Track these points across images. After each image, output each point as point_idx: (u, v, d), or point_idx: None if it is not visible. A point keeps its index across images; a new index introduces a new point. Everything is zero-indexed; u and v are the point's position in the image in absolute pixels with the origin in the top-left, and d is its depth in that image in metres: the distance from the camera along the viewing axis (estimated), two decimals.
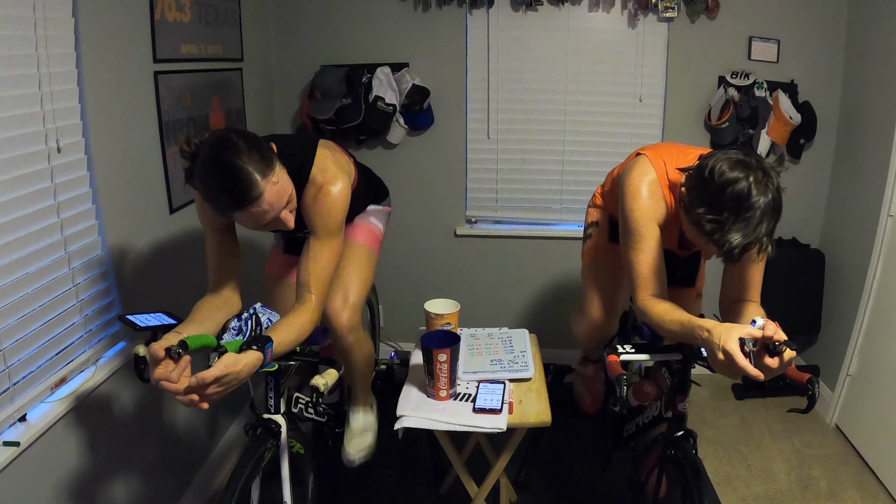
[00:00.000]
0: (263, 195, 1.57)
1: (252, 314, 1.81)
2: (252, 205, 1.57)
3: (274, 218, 1.65)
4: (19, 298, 1.72)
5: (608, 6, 3.23)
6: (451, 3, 3.27)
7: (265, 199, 1.58)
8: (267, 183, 1.57)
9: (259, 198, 1.56)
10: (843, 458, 2.88)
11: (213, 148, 1.56)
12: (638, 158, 1.93)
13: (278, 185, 1.61)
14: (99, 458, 2.02)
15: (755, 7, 3.19)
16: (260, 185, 1.55)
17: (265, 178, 1.57)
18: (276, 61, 3.45)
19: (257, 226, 1.67)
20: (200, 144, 1.60)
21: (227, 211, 1.61)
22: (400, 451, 2.82)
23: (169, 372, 1.46)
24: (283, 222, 1.68)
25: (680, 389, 1.89)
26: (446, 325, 2.25)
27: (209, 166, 1.56)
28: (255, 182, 1.54)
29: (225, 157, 1.53)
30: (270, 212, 1.61)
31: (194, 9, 2.52)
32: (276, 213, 1.64)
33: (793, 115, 3.13)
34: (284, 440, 1.90)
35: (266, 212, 1.60)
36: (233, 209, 1.59)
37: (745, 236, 1.51)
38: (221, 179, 1.55)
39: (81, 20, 1.89)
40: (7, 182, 1.67)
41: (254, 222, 1.64)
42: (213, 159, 1.55)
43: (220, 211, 1.64)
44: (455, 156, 3.53)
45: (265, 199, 1.58)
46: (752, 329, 1.47)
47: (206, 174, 1.57)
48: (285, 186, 1.65)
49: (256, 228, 1.69)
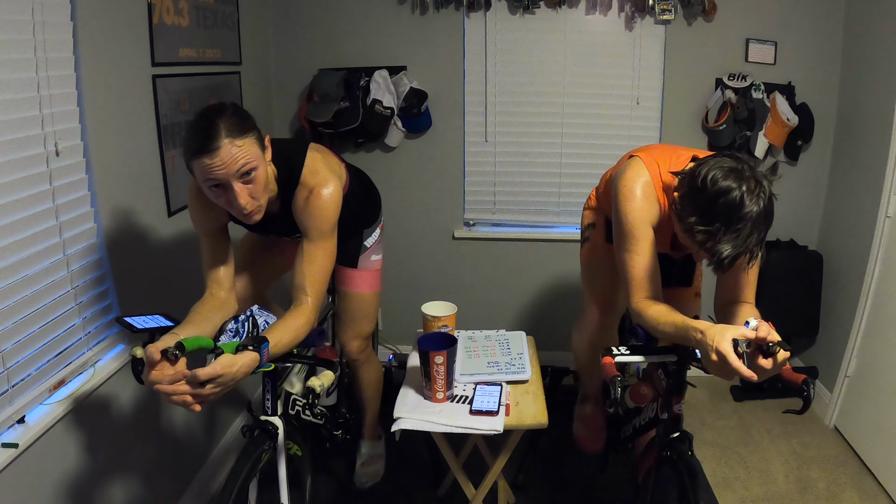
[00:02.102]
0: (220, 149, 1.57)
1: (249, 316, 1.82)
2: (206, 154, 1.57)
3: (226, 184, 1.63)
4: (18, 301, 1.73)
5: (605, 9, 3.24)
6: (449, 6, 3.28)
7: (220, 154, 1.58)
8: (230, 142, 1.59)
9: (215, 150, 1.57)
10: (842, 460, 2.88)
11: (207, 105, 1.67)
12: (631, 160, 1.93)
13: (241, 149, 1.61)
14: (97, 460, 2.03)
15: (752, 9, 3.20)
16: (221, 138, 1.58)
17: (230, 137, 1.59)
18: (275, 65, 3.46)
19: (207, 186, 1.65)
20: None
21: (188, 158, 1.62)
22: (398, 452, 2.83)
23: (164, 374, 1.47)
24: (236, 196, 1.65)
25: (675, 391, 1.89)
26: (443, 328, 2.25)
27: (194, 116, 1.65)
28: (217, 135, 1.57)
29: (208, 111, 1.63)
30: (222, 169, 1.59)
31: (192, 13, 2.53)
32: (227, 175, 1.61)
33: (790, 116, 3.13)
34: (282, 442, 1.91)
35: (217, 167, 1.59)
36: (191, 156, 1.60)
37: (735, 247, 1.51)
38: (194, 126, 1.62)
39: (80, 24, 1.90)
40: (6, 185, 1.68)
41: (204, 176, 1.62)
42: (200, 111, 1.65)
43: (186, 160, 1.64)
44: (453, 158, 3.54)
45: (220, 154, 1.58)
46: (746, 330, 1.47)
47: (189, 122, 1.67)
48: (248, 155, 1.63)
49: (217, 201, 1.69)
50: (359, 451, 2.72)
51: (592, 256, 2.40)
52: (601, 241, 2.35)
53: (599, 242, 2.36)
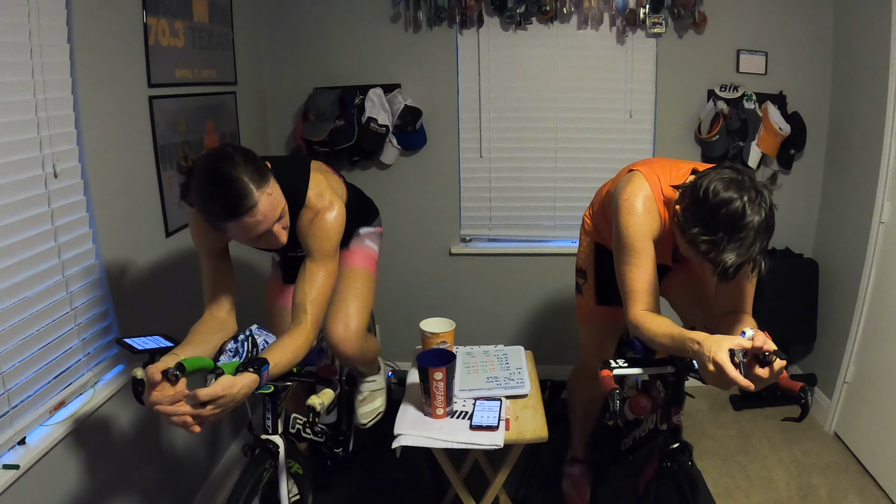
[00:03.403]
0: (258, 205, 1.59)
1: (248, 336, 1.82)
2: (246, 214, 1.59)
3: (266, 231, 1.66)
4: (18, 322, 1.73)
5: (597, 23, 3.27)
6: (442, 23, 3.31)
7: (259, 210, 1.60)
8: (262, 193, 1.60)
9: (253, 207, 1.59)
10: (843, 466, 2.88)
11: (210, 160, 1.61)
12: (632, 174, 1.93)
13: (272, 196, 1.64)
14: (98, 481, 2.02)
15: (742, 20, 3.23)
16: (255, 194, 1.58)
17: (260, 188, 1.59)
18: (270, 84, 3.48)
19: (249, 239, 1.68)
20: (197, 159, 1.64)
21: (221, 221, 1.62)
22: (398, 469, 2.82)
23: (164, 395, 1.48)
24: (276, 236, 1.71)
25: (674, 402, 1.90)
26: (442, 344, 2.25)
27: (206, 176, 1.59)
28: (250, 191, 1.57)
29: (221, 167, 1.57)
30: (264, 223, 1.63)
31: (188, 34, 2.56)
32: (269, 225, 1.65)
33: (782, 125, 3.16)
34: (283, 460, 1.91)
35: (259, 223, 1.62)
36: (227, 219, 1.60)
37: (739, 256, 1.53)
38: (217, 188, 1.57)
39: (76, 46, 1.91)
40: (5, 207, 1.69)
41: (246, 233, 1.65)
42: (209, 170, 1.59)
43: (214, 222, 1.65)
44: (448, 175, 3.56)
45: (259, 209, 1.60)
46: (742, 340, 1.49)
47: (203, 184, 1.60)
48: (279, 199, 1.68)
49: (248, 243, 1.71)
50: (358, 390, 2.56)
51: (584, 314, 2.44)
52: (592, 304, 2.38)
53: (590, 304, 2.39)
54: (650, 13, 3.17)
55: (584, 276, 2.39)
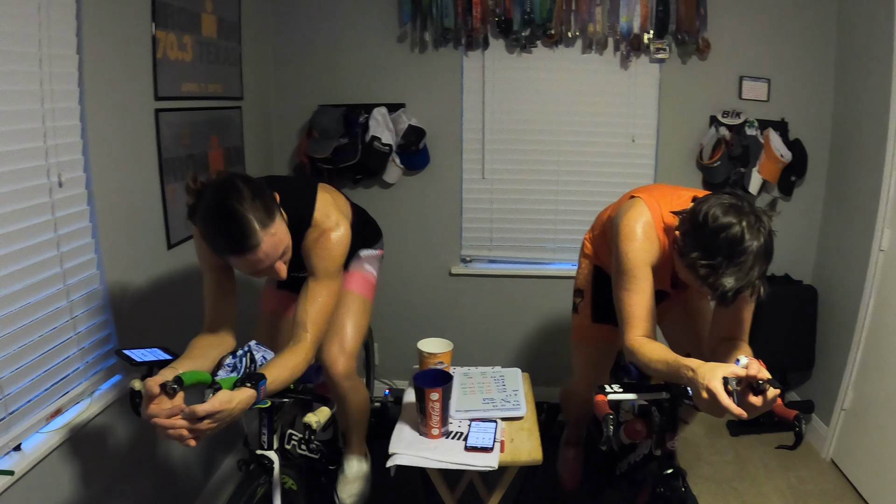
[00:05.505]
0: (260, 245, 1.61)
1: (246, 352, 1.83)
2: (248, 252, 1.60)
3: (268, 267, 1.68)
4: (18, 329, 1.75)
5: (601, 48, 3.30)
6: (448, 45, 3.34)
7: (261, 249, 1.62)
8: (265, 234, 1.61)
9: (256, 247, 1.60)
10: (839, 493, 2.86)
11: (218, 191, 1.61)
12: (633, 201, 1.94)
13: (276, 236, 1.65)
14: (93, 490, 2.02)
15: (745, 47, 3.26)
16: (258, 234, 1.59)
17: (264, 228, 1.61)
18: (275, 100, 3.51)
19: (250, 272, 1.70)
20: (206, 184, 1.65)
21: (223, 254, 1.65)
22: (393, 488, 2.81)
23: (162, 408, 1.48)
24: (276, 272, 1.72)
25: (669, 427, 1.90)
26: (439, 364, 2.26)
27: (212, 209, 1.60)
28: (253, 231, 1.59)
29: (228, 203, 1.58)
30: (265, 261, 1.65)
31: (196, 48, 2.58)
32: (271, 262, 1.67)
33: (783, 152, 3.18)
34: (277, 476, 1.90)
35: (261, 261, 1.64)
36: (229, 253, 1.63)
37: (738, 280, 1.54)
38: (222, 224, 1.59)
39: (85, 58, 1.94)
40: (9, 215, 1.71)
41: (247, 269, 1.67)
42: (216, 202, 1.59)
43: (217, 252, 1.68)
44: (450, 195, 3.57)
45: (262, 249, 1.61)
46: (736, 368, 1.49)
47: (208, 216, 1.61)
48: (282, 238, 1.69)
49: (249, 274, 1.72)
50: (342, 469, 2.49)
51: (579, 333, 2.45)
52: (588, 322, 2.39)
53: (586, 322, 2.40)
54: (654, 39, 3.21)
55: (581, 296, 2.40)
